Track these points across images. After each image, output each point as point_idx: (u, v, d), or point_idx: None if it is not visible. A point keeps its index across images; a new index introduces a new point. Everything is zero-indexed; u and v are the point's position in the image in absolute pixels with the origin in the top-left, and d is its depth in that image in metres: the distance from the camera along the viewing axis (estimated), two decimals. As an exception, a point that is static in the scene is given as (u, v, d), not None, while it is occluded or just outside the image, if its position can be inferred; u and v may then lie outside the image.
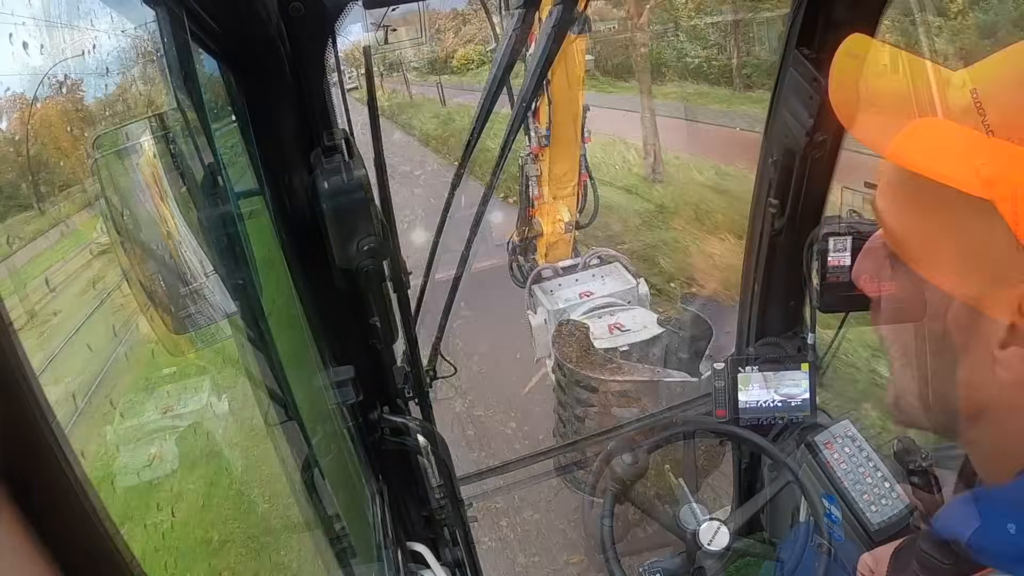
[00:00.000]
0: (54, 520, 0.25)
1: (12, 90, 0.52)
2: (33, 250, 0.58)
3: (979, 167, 0.41)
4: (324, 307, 1.08)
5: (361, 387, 1.11)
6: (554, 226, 3.32)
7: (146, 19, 0.66)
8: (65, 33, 0.62)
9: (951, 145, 0.43)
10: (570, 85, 2.90)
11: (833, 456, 1.59)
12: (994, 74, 0.45)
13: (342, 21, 0.88)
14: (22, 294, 0.53)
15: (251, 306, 0.76)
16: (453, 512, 1.42)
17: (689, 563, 1.28)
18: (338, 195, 0.86)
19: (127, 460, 0.75)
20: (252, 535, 1.02)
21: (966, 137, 0.42)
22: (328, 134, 0.91)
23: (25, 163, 0.64)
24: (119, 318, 0.73)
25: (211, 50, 0.74)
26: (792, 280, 1.73)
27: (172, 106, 0.68)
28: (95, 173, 0.66)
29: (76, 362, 0.63)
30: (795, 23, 1.32)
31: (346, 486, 1.23)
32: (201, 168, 0.69)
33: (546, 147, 3.09)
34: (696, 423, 1.77)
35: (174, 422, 0.85)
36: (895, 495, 1.52)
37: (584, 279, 3.26)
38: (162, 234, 0.68)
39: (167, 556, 0.74)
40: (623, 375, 2.37)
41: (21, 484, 0.24)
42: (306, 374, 1.14)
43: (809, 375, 1.61)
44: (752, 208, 1.69)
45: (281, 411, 0.89)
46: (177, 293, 0.68)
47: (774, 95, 1.47)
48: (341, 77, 1.07)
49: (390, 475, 1.38)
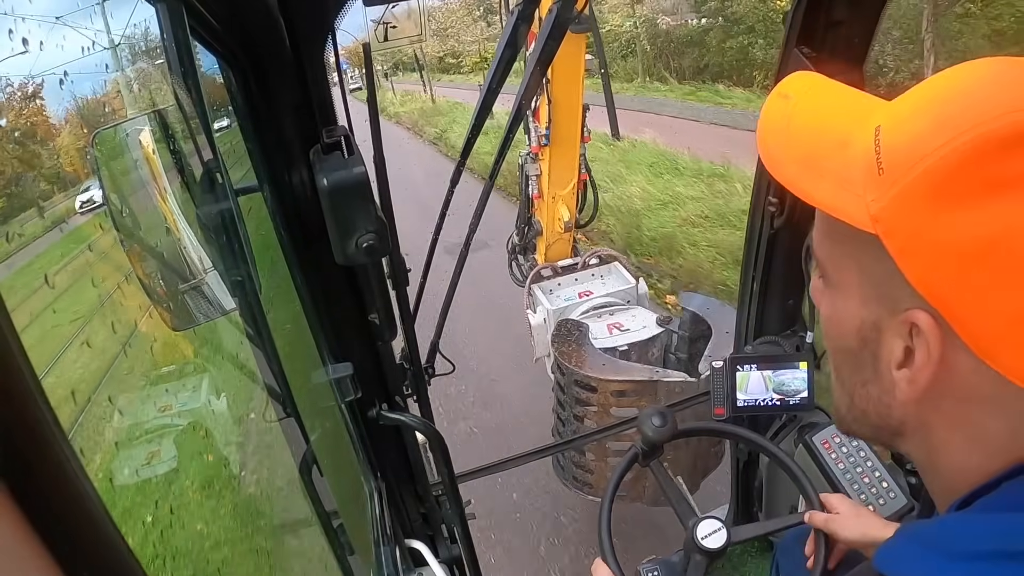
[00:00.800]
0: (54, 519, 0.25)
1: (11, 87, 0.52)
2: (33, 249, 0.58)
3: (869, 204, 0.43)
4: (323, 304, 1.08)
5: (360, 384, 1.11)
6: (553, 225, 3.32)
7: (146, 16, 0.66)
8: (65, 30, 0.62)
9: (851, 183, 0.45)
10: (570, 84, 2.90)
11: (831, 455, 1.60)
12: (898, 110, 0.46)
13: (342, 18, 0.88)
14: (22, 293, 0.53)
15: (250, 303, 0.76)
16: (452, 509, 1.42)
17: (687, 561, 1.28)
18: (337, 192, 0.86)
19: (127, 458, 0.75)
20: (251, 532, 1.02)
21: (863, 174, 0.44)
22: (328, 131, 0.91)
23: (25, 161, 0.64)
24: (119, 316, 0.73)
25: (211, 46, 0.74)
26: (791, 279, 1.73)
27: (172, 103, 0.68)
28: (95, 170, 0.66)
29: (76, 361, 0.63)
30: (795, 22, 1.32)
31: (344, 483, 1.23)
32: (200, 165, 0.69)
33: (546, 146, 3.09)
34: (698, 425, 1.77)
35: (173, 420, 0.85)
36: (892, 494, 1.53)
37: (583, 278, 3.26)
38: (161, 231, 0.68)
39: (167, 553, 0.74)
40: (622, 375, 2.38)
41: (21, 483, 0.24)
42: (305, 371, 1.14)
43: (807, 374, 1.61)
44: (751, 207, 1.69)
45: (280, 408, 0.90)
46: (176, 289, 0.68)
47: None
48: (341, 74, 1.07)
49: (388, 472, 1.39)
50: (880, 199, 0.43)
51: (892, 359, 0.47)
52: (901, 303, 0.44)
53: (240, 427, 1.11)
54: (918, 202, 0.41)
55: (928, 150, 0.41)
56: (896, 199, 0.42)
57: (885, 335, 0.47)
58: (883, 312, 0.47)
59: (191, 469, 0.93)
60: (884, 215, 0.42)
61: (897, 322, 0.45)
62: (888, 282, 0.45)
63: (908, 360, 0.46)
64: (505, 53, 1.34)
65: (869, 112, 0.48)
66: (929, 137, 0.41)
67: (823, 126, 0.50)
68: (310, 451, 0.93)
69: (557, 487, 2.88)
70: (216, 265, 0.69)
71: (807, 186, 0.48)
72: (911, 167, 0.41)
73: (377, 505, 1.28)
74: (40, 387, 0.25)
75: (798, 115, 0.51)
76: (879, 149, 0.44)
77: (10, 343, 0.24)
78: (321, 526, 0.97)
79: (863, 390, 0.51)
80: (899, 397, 0.47)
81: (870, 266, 0.46)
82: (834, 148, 0.47)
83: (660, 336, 2.83)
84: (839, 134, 0.48)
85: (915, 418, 0.49)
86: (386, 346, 1.19)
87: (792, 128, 0.51)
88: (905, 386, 0.46)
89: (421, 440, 1.44)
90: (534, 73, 1.41)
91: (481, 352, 4.61)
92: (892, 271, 0.43)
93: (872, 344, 0.48)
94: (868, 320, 0.48)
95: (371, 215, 0.89)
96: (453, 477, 1.37)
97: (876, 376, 0.49)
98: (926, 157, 0.40)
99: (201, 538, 0.89)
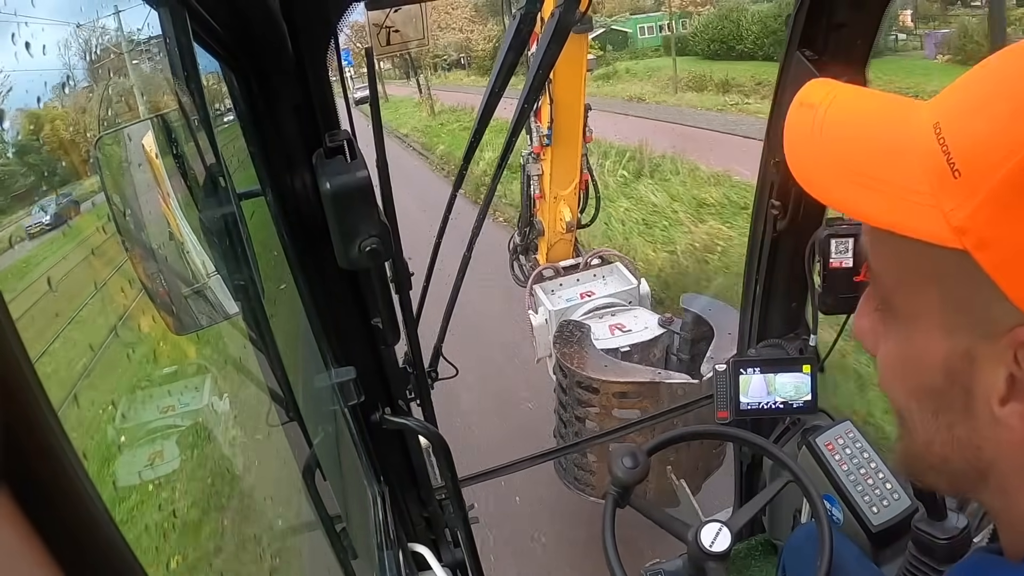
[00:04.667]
0: (55, 520, 0.25)
1: (14, 90, 0.53)
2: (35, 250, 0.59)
3: (948, 214, 0.37)
4: (326, 308, 1.08)
5: (363, 388, 1.11)
6: (555, 225, 3.32)
7: (148, 19, 0.66)
8: (67, 33, 0.62)
9: (915, 193, 0.39)
10: (572, 84, 2.91)
11: (834, 457, 1.59)
12: (956, 104, 0.41)
13: (344, 21, 0.88)
14: (24, 293, 0.53)
15: (253, 307, 0.76)
16: (455, 513, 1.42)
17: (690, 565, 1.28)
18: (340, 196, 0.86)
19: (128, 460, 0.75)
20: (253, 535, 1.02)
21: (932, 181, 0.39)
22: (330, 135, 0.91)
23: (26, 163, 0.64)
24: (121, 318, 0.73)
25: (213, 50, 0.74)
26: (794, 282, 1.73)
27: (174, 107, 0.68)
28: (97, 173, 0.66)
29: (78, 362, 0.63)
30: (796, 24, 1.32)
31: (348, 487, 1.23)
32: (203, 169, 0.69)
33: (548, 146, 3.10)
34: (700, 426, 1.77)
35: (175, 422, 0.86)
36: (897, 496, 1.52)
37: (585, 279, 3.26)
38: (164, 235, 0.68)
39: (168, 556, 0.74)
40: (624, 376, 2.37)
41: (21, 484, 0.24)
42: (308, 375, 1.14)
43: (811, 377, 1.61)
44: (753, 210, 1.69)
45: (282, 412, 0.90)
46: (179, 294, 0.68)
47: (776, 96, 1.47)
48: (343, 77, 1.07)
49: (391, 476, 1.39)
50: (962, 207, 0.37)
51: (992, 393, 0.40)
52: (1001, 324, 0.38)
53: (243, 430, 1.11)
54: (1014, 204, 0.35)
55: (1013, 143, 0.35)
56: (984, 205, 0.36)
57: (981, 365, 0.40)
58: (977, 338, 0.40)
59: (194, 472, 0.93)
60: (971, 225, 0.36)
61: (997, 348, 0.39)
62: (982, 302, 0.38)
63: (1014, 392, 0.39)
64: (508, 56, 1.34)
65: (910, 112, 0.43)
66: (1010, 129, 0.36)
67: (864, 133, 0.44)
68: (313, 455, 0.93)
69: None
70: (219, 269, 0.70)
71: (861, 205, 0.42)
72: (996, 166, 0.35)
73: (380, 509, 1.28)
74: (42, 387, 0.25)
75: (831, 125, 0.45)
76: (947, 149, 0.38)
77: (11, 343, 0.24)
78: (324, 530, 0.97)
79: (947, 434, 0.44)
80: (1005, 437, 0.40)
81: (956, 287, 0.40)
82: (885, 155, 0.41)
83: (662, 337, 2.83)
84: (885, 139, 0.42)
85: (1011, 462, 0.42)
86: (389, 350, 1.19)
87: (826, 140, 0.45)
88: (1017, 422, 0.39)
89: (424, 444, 1.44)
90: (537, 76, 1.41)
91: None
92: (987, 289, 0.37)
93: (963, 378, 0.41)
94: (957, 350, 0.41)
95: (374, 219, 0.89)
96: (456, 481, 1.37)
97: (968, 415, 0.42)
98: (1013, 151, 0.35)
99: (203, 541, 0.89)
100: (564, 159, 3.14)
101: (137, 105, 0.83)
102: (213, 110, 0.80)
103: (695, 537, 1.23)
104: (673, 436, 1.52)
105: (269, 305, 0.78)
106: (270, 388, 0.89)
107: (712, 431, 1.64)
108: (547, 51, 1.35)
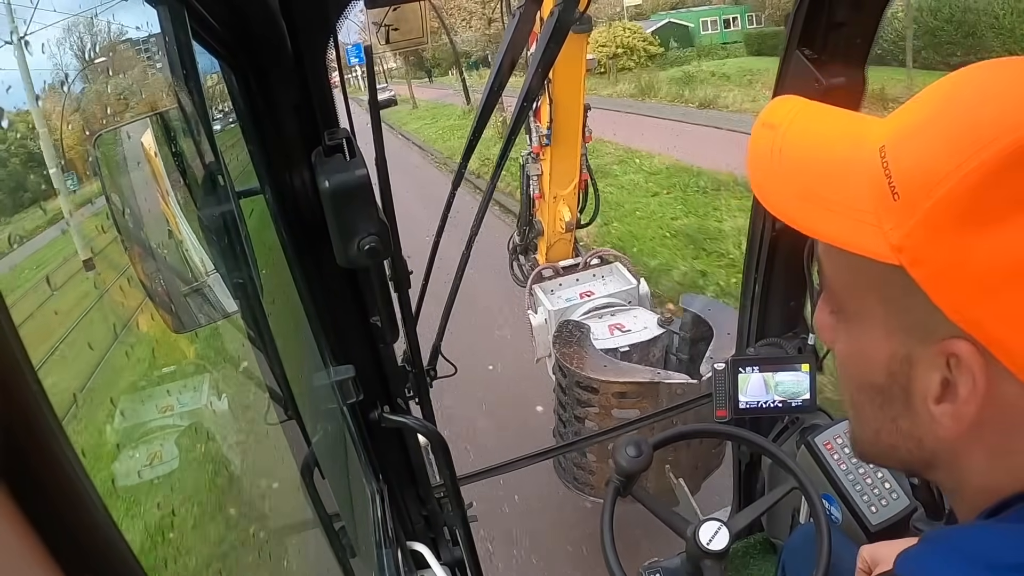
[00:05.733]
0: (54, 520, 0.25)
1: (13, 88, 0.52)
2: (34, 249, 0.58)
3: (887, 233, 0.40)
4: (325, 306, 1.08)
5: (362, 386, 1.11)
6: (555, 225, 3.32)
7: (147, 17, 0.66)
8: (67, 31, 0.62)
9: (860, 212, 0.42)
10: (571, 84, 2.90)
11: (833, 456, 1.59)
12: (901, 126, 0.43)
13: (343, 19, 0.88)
14: (23, 293, 0.53)
15: (251, 305, 0.76)
16: (454, 512, 1.42)
17: (689, 563, 1.28)
18: (339, 194, 0.86)
19: (128, 459, 0.75)
20: (252, 534, 1.02)
21: (875, 202, 0.41)
22: (329, 133, 0.91)
23: (26, 162, 0.64)
24: (120, 317, 0.73)
25: (212, 48, 0.74)
26: (792, 281, 1.73)
27: (173, 105, 0.68)
28: (96, 172, 0.66)
29: (77, 361, 0.63)
30: (796, 23, 1.32)
31: (346, 485, 1.23)
32: (202, 167, 0.69)
33: (547, 146, 3.09)
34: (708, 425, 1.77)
35: (174, 421, 0.85)
36: (895, 495, 1.52)
37: (585, 279, 3.26)
38: (163, 233, 0.68)
39: (167, 555, 0.74)
40: (624, 376, 2.37)
41: (21, 484, 0.24)
42: (307, 373, 1.14)
43: (809, 376, 1.61)
44: (753, 208, 1.69)
45: (281, 410, 0.89)
46: (178, 292, 0.68)
47: (775, 96, 1.47)
48: (343, 76, 1.07)
49: (390, 474, 1.39)
50: (900, 227, 0.40)
51: (928, 393, 0.43)
52: (935, 333, 0.41)
53: (241, 429, 1.11)
54: (944, 226, 0.38)
55: (947, 169, 0.38)
56: (919, 225, 0.39)
57: (918, 368, 0.44)
58: (914, 343, 0.43)
59: (192, 470, 0.93)
60: (907, 244, 0.39)
61: (932, 353, 0.42)
62: (918, 312, 0.41)
63: (947, 394, 0.42)
64: (507, 56, 1.34)
65: (865, 132, 0.45)
66: (945, 155, 0.38)
67: (818, 155, 0.47)
68: (312, 453, 0.93)
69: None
70: (218, 267, 0.69)
71: (812, 222, 0.45)
72: (931, 189, 0.38)
73: (379, 507, 1.28)
74: (41, 387, 0.25)
75: (789, 146, 0.48)
76: (889, 172, 0.41)
77: (10, 342, 0.24)
78: (322, 528, 0.97)
79: (892, 425, 0.48)
80: (940, 433, 0.44)
81: (896, 297, 0.43)
82: (835, 177, 0.44)
83: (661, 337, 2.83)
84: (838, 161, 0.45)
85: (950, 450, 0.45)
86: (388, 348, 1.19)
87: (784, 160, 0.48)
88: (948, 422, 0.43)
89: (423, 442, 1.44)
90: (535, 76, 1.41)
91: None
92: (922, 300, 0.40)
93: (902, 378, 0.45)
94: (897, 353, 0.45)
95: (373, 217, 0.89)
96: (455, 479, 1.37)
97: (908, 411, 0.46)
98: (947, 177, 0.38)
99: (202, 540, 0.89)
100: (563, 159, 3.14)
101: (137, 103, 0.83)
102: (212, 108, 0.80)
103: (694, 535, 1.24)
104: (679, 432, 1.52)
105: (268, 303, 0.78)
106: (269, 387, 0.89)
107: (719, 430, 1.64)
108: (546, 50, 1.35)
